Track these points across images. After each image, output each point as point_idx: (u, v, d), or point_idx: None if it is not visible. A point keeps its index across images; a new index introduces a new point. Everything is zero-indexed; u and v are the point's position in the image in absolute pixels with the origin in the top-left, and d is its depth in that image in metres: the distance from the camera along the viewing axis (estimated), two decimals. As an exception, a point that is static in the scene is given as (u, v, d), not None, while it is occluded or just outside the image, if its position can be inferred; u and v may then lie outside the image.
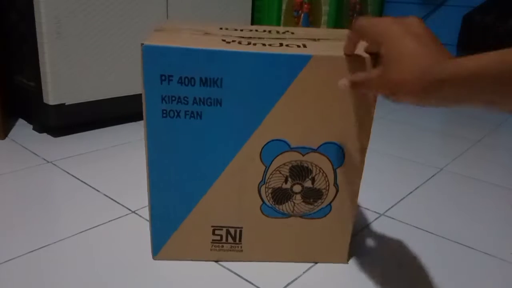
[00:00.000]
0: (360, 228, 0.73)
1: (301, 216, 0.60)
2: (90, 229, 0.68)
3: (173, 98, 0.52)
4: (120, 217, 0.72)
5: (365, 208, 0.80)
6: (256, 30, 0.61)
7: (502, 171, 1.01)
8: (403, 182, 0.93)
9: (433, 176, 0.96)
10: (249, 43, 0.53)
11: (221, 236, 0.60)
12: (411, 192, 0.88)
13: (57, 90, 1.02)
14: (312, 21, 1.68)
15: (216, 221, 0.59)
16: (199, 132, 0.54)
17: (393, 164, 1.03)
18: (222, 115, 0.53)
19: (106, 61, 1.09)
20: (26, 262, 0.59)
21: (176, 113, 0.52)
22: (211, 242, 0.61)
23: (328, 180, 0.58)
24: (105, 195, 0.79)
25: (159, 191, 0.57)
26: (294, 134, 0.55)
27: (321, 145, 0.55)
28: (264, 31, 0.61)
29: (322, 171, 0.57)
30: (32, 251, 0.62)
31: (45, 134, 1.09)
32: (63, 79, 1.03)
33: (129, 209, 0.74)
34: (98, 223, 0.70)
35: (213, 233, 0.60)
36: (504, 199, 0.87)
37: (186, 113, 0.52)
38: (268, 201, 0.58)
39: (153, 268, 0.59)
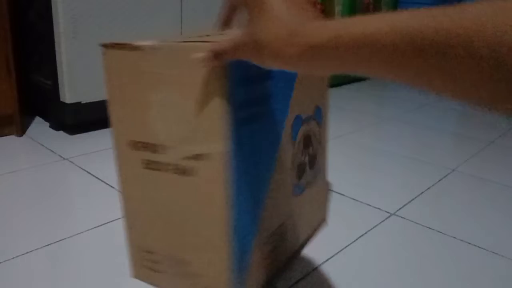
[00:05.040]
0: (371, 227, 0.73)
1: (308, 186, 0.62)
2: (105, 224, 0.70)
3: (250, 101, 0.48)
4: (134, 213, 0.73)
5: (376, 207, 0.80)
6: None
7: (515, 172, 1.01)
8: (414, 182, 0.93)
9: (445, 176, 0.96)
10: None
11: (273, 243, 0.55)
12: (422, 192, 0.88)
13: (73, 89, 1.04)
14: (325, 21, 1.68)
15: (272, 224, 0.53)
16: (259, 133, 0.49)
17: (405, 165, 1.03)
18: (272, 106, 0.51)
19: (121, 61, 1.11)
20: (44, 254, 0.61)
21: (254, 117, 0.48)
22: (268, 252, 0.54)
23: (317, 142, 0.63)
24: (119, 191, 0.81)
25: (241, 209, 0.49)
26: (303, 107, 0.58)
27: (315, 111, 0.61)
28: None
29: (314, 135, 0.62)
30: (50, 244, 0.63)
31: (61, 132, 1.11)
32: (79, 78, 1.05)
33: (143, 206, 0.76)
34: (113, 218, 0.71)
35: (268, 242, 0.54)
36: (516, 201, 0.86)
37: (258, 115, 0.49)
38: (294, 179, 0.59)
39: (166, 263, 0.61)
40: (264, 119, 0.50)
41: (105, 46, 0.48)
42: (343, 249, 0.66)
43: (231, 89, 0.44)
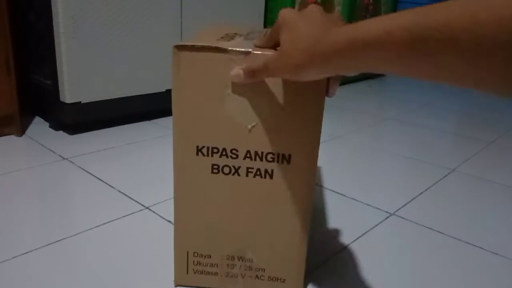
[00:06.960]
0: (371, 226, 0.73)
1: None
2: (104, 224, 0.70)
3: None
4: (134, 212, 0.73)
5: (375, 207, 0.80)
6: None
7: (515, 172, 1.01)
8: (414, 182, 0.93)
9: (444, 176, 0.96)
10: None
11: None
12: (422, 192, 0.88)
13: (73, 89, 1.05)
14: (324, 21, 1.68)
15: None
16: None
17: (405, 165, 1.03)
18: None
19: (121, 61, 1.11)
20: (44, 254, 0.61)
21: None
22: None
23: None
24: (119, 191, 0.81)
25: None
26: None
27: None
28: None
29: None
30: (49, 244, 0.63)
31: (61, 132, 1.11)
32: (79, 78, 1.05)
33: (143, 205, 0.76)
34: (113, 218, 0.71)
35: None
36: (516, 201, 0.86)
37: None
38: None
39: (165, 262, 0.61)
40: None
41: (177, 47, 0.46)
42: (342, 249, 0.66)
43: None
